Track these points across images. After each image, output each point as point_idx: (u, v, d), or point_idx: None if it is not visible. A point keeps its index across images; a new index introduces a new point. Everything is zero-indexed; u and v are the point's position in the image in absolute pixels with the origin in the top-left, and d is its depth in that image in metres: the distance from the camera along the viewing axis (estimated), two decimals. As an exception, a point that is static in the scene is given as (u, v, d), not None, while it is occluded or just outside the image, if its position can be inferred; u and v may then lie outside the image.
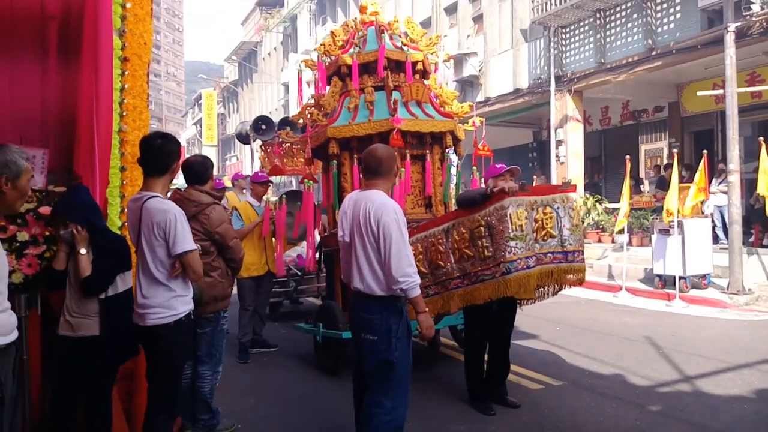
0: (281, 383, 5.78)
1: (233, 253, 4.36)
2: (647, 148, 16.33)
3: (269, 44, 39.52)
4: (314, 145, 6.13)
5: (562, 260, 4.55)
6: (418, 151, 6.02)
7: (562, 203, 4.58)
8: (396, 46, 6.29)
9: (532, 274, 4.35)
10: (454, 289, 4.66)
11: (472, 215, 4.53)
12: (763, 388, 5.07)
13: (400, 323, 3.41)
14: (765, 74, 11.43)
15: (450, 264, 4.68)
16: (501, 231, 4.31)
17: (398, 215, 3.36)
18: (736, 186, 9.70)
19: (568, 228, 4.57)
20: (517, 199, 4.39)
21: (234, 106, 48.05)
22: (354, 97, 6.03)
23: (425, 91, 6.08)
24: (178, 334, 3.35)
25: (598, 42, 13.96)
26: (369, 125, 5.74)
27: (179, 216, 3.30)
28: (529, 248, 4.36)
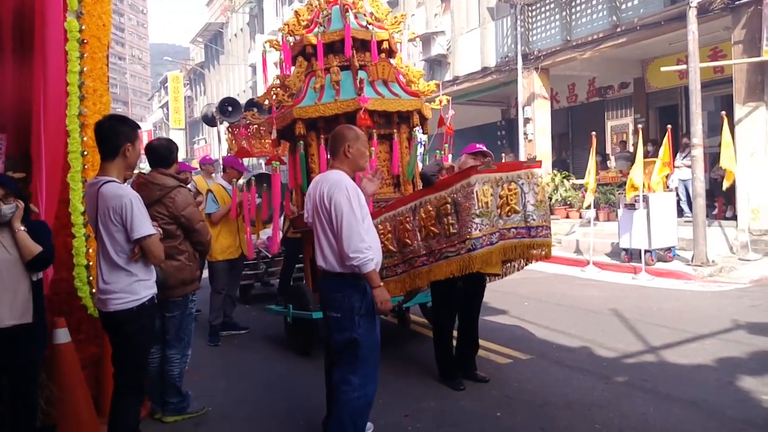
0: (252, 365, 5.76)
1: (200, 236, 4.33)
2: (613, 124, 16.53)
3: (235, 25, 38.91)
4: (280, 126, 6.07)
5: (525, 235, 4.61)
6: (386, 130, 5.98)
7: (527, 179, 4.63)
8: (361, 25, 6.21)
9: (494, 250, 4.40)
10: (420, 266, 4.67)
11: (439, 193, 4.54)
12: (725, 357, 5.20)
13: (363, 300, 3.42)
14: (727, 49, 11.58)
15: (417, 242, 4.69)
16: (467, 208, 4.34)
17: (350, 192, 3.37)
18: (700, 160, 9.88)
19: (533, 204, 4.62)
20: (484, 176, 4.41)
21: (201, 89, 47.31)
22: (320, 77, 5.95)
23: (391, 70, 6.03)
24: (141, 319, 3.32)
25: (564, 19, 14.01)
26: (335, 105, 5.68)
27: (135, 201, 3.24)
28: (493, 224, 4.40)
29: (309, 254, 5.84)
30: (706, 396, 4.34)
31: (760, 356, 5.15)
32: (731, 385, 4.54)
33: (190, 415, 4.39)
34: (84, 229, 4.17)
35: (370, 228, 3.50)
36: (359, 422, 3.47)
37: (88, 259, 4.21)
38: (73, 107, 4.17)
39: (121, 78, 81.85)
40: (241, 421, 4.35)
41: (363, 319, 3.42)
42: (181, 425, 4.28)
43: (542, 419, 4.08)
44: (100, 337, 4.29)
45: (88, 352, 4.34)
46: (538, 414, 4.18)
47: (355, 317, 3.41)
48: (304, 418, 4.30)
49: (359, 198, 3.43)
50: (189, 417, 4.38)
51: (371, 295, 3.42)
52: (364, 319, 3.43)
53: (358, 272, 3.36)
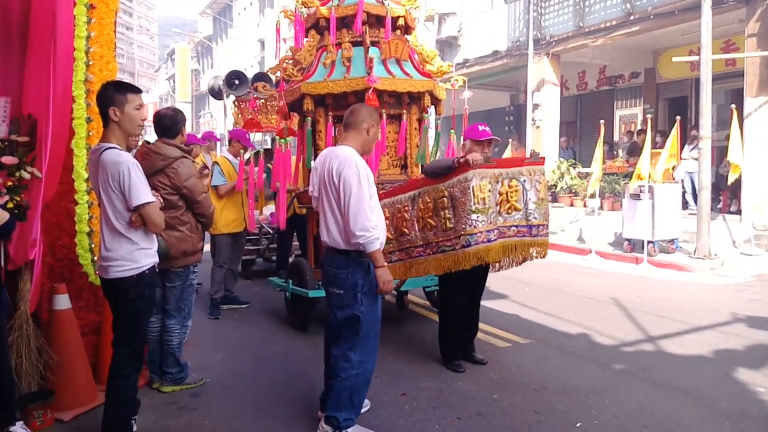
0: (251, 339, 5.78)
1: (202, 207, 4.33)
2: (622, 114, 16.42)
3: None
4: (289, 101, 5.97)
5: (527, 234, 4.53)
6: (395, 110, 5.86)
7: (528, 176, 4.53)
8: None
9: (492, 248, 4.32)
10: (416, 257, 4.66)
11: (436, 185, 4.48)
12: (722, 348, 5.20)
13: (366, 278, 3.42)
14: (740, 42, 11.46)
15: (414, 232, 4.66)
16: (463, 203, 4.29)
17: (360, 170, 3.35)
18: (707, 152, 9.81)
19: (534, 201, 4.53)
20: (481, 172, 4.32)
21: (208, 62, 47.05)
22: (331, 52, 5.79)
23: (404, 48, 5.84)
24: (141, 287, 3.33)
25: (577, 5, 13.85)
26: (344, 83, 5.57)
27: (132, 167, 3.21)
28: (490, 222, 4.32)
29: (313, 231, 5.83)
30: (702, 387, 4.34)
31: (758, 349, 5.15)
32: (727, 376, 4.54)
33: (187, 385, 4.42)
34: (87, 196, 4.17)
35: (376, 207, 3.48)
36: (357, 399, 3.48)
37: (91, 227, 4.21)
38: (79, 73, 4.14)
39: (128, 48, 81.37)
40: (239, 394, 4.37)
41: (365, 297, 3.42)
42: (179, 395, 4.30)
43: (538, 403, 4.09)
44: (101, 305, 4.31)
45: (88, 320, 4.36)
46: (534, 397, 4.19)
47: (357, 294, 3.41)
48: (302, 392, 4.33)
49: (368, 176, 3.41)
50: (187, 387, 4.40)
51: (374, 274, 3.41)
52: (366, 296, 3.43)
53: (363, 250, 3.35)
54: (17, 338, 3.72)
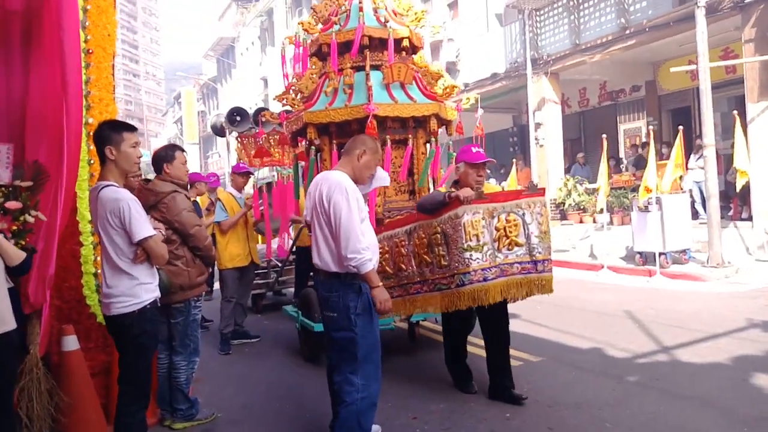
0: (261, 372, 5.76)
1: (196, 240, 4.31)
2: (626, 128, 16.43)
3: (247, 39, 39.27)
4: (292, 130, 5.89)
5: (532, 270, 4.22)
6: (401, 135, 5.66)
7: (528, 209, 4.23)
8: (380, 21, 5.82)
9: (490, 287, 4.07)
10: (414, 294, 4.56)
11: (429, 220, 4.35)
12: (739, 355, 5.12)
13: (359, 299, 3.42)
14: (738, 49, 11.48)
15: (411, 268, 4.56)
16: (455, 240, 4.12)
17: (350, 194, 3.37)
18: (712, 160, 9.78)
19: (537, 235, 4.22)
20: (473, 207, 4.11)
21: (214, 103, 47.72)
22: (333, 79, 5.63)
23: (408, 71, 5.59)
24: (143, 322, 3.32)
25: (573, 23, 13.99)
26: (346, 110, 5.40)
27: (132, 203, 3.24)
28: (487, 259, 4.09)
29: None
30: (719, 394, 4.27)
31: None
32: (744, 382, 4.47)
33: (199, 421, 4.40)
34: (92, 237, 4.21)
35: (368, 228, 3.50)
36: (365, 423, 3.46)
37: (96, 267, 4.25)
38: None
39: (135, 95, 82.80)
40: (250, 428, 4.35)
41: (359, 318, 3.42)
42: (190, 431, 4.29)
43: (551, 419, 4.04)
44: (110, 345, 4.30)
45: (98, 360, 4.36)
46: (547, 414, 4.14)
47: (351, 316, 3.41)
48: (312, 423, 4.30)
49: (358, 200, 3.43)
50: (198, 423, 4.38)
51: (368, 295, 3.42)
52: (361, 318, 3.43)
53: (357, 272, 3.37)
54: (28, 382, 3.72)
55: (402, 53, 5.84)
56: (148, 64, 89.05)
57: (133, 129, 3.48)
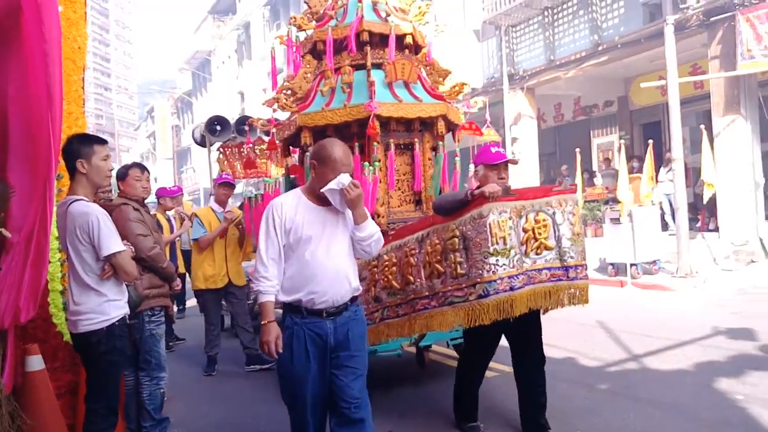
0: (238, 390, 5.71)
1: (138, 251, 4.09)
2: (599, 142, 16.75)
3: (223, 52, 39.23)
4: (285, 135, 5.39)
5: (563, 277, 3.70)
6: (406, 139, 5.21)
7: (559, 207, 3.72)
8: (380, 16, 5.39)
9: (517, 297, 3.52)
10: (420, 310, 3.96)
11: (446, 224, 3.80)
12: (704, 361, 5.27)
13: (284, 333, 3.09)
14: (705, 66, 11.82)
15: (420, 280, 3.96)
16: (478, 244, 3.55)
17: (271, 214, 3.07)
18: (681, 173, 10.03)
19: (569, 237, 3.70)
20: (500, 205, 3.57)
21: (189, 117, 47.40)
22: (329, 78, 5.15)
23: (412, 69, 5.16)
24: (111, 340, 3.27)
25: (548, 39, 14.27)
26: (345, 111, 4.92)
27: (102, 217, 3.21)
28: (513, 265, 3.55)
29: None
30: (685, 399, 4.39)
31: (738, 359, 5.23)
32: (709, 387, 4.60)
33: (166, 439, 4.29)
34: (59, 254, 4.08)
35: (295, 258, 3.04)
36: None
37: (63, 285, 4.16)
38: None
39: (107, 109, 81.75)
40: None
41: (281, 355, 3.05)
42: (156, 449, 4.21)
43: (524, 428, 4.12)
44: (78, 365, 4.15)
45: (64, 380, 4.19)
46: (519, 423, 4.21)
47: None
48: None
49: (283, 223, 3.03)
50: (164, 442, 4.28)
51: (292, 330, 3.06)
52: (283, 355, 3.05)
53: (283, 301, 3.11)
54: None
55: (405, 51, 5.39)
56: (121, 77, 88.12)
57: (104, 142, 3.47)
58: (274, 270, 3.04)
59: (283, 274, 3.07)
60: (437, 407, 4.64)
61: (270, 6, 31.44)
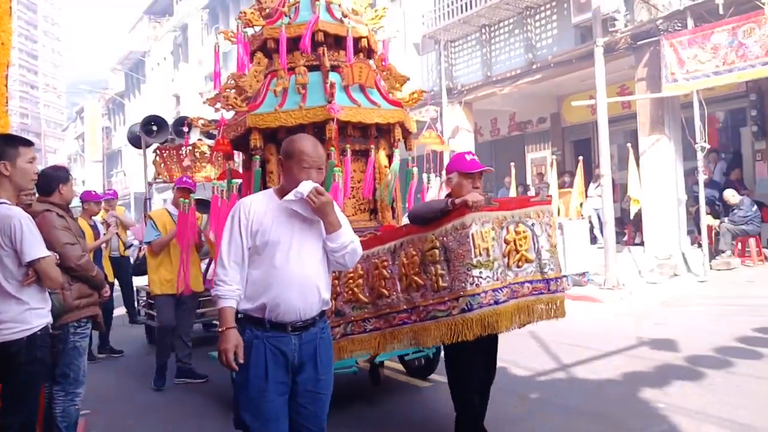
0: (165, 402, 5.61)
1: (66, 260, 3.91)
2: (533, 157, 17.25)
3: (158, 54, 38.36)
4: (232, 137, 5.08)
5: (543, 290, 3.67)
6: (361, 145, 5.07)
7: (537, 218, 3.69)
8: (335, 17, 5.24)
9: (502, 312, 3.43)
10: (399, 325, 3.79)
11: (424, 233, 3.64)
12: (629, 371, 5.49)
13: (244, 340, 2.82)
14: (632, 87, 12.36)
15: (396, 293, 3.81)
16: (461, 255, 3.42)
17: (236, 214, 2.85)
18: (609, 189, 10.44)
19: (547, 249, 3.69)
20: (483, 215, 3.46)
21: (120, 119, 46.09)
22: (282, 78, 4.93)
23: (370, 73, 5.01)
24: (32, 350, 3.15)
25: (485, 56, 14.59)
26: (300, 113, 4.71)
27: (25, 221, 3.09)
28: (498, 278, 3.45)
29: None
30: (611, 407, 4.58)
31: (661, 369, 5.48)
32: (633, 396, 4.81)
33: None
34: None
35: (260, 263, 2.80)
36: None
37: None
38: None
39: (33, 108, 78.66)
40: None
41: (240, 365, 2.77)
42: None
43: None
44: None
45: None
46: (454, 431, 4.29)
47: None
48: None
49: (250, 224, 2.80)
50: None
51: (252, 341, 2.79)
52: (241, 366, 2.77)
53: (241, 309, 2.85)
54: None
55: (360, 54, 5.29)
56: (48, 75, 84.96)
57: (30, 143, 3.36)
58: (236, 274, 2.79)
59: (246, 280, 2.82)
60: (397, 423, 4.64)
61: (209, 9, 30.96)
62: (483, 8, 13.60)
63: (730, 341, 6.21)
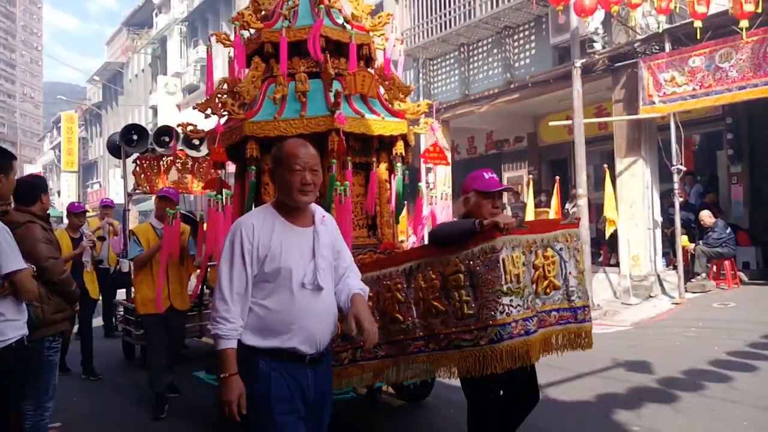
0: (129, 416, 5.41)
1: (51, 274, 3.89)
2: (509, 176, 17.27)
3: (137, 66, 38.15)
4: (226, 145, 4.73)
5: (571, 319, 3.45)
6: (362, 158, 4.83)
7: (565, 242, 3.45)
8: (336, 22, 5.00)
9: (532, 343, 3.16)
10: (414, 353, 3.51)
11: (446, 256, 3.34)
12: (603, 393, 5.42)
13: (253, 386, 2.48)
14: (609, 108, 12.44)
15: (411, 319, 3.51)
16: (490, 281, 3.15)
17: (235, 237, 2.51)
18: (585, 209, 10.43)
19: (575, 276, 3.46)
20: (513, 239, 3.20)
21: (97, 130, 45.69)
22: (281, 84, 4.64)
23: (372, 82, 4.76)
24: (6, 362, 3.08)
25: (463, 74, 14.63)
26: (301, 122, 4.43)
27: (2, 233, 3.05)
28: (528, 306, 3.20)
29: None
30: (585, 429, 4.49)
31: (635, 391, 5.40)
32: (607, 418, 4.71)
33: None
34: None
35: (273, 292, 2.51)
36: None
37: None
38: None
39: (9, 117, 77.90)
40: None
41: (250, 413, 2.46)
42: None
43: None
44: None
45: None
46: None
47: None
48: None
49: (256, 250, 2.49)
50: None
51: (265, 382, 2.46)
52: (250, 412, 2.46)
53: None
54: None
55: (360, 62, 5.02)
56: (26, 85, 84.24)
57: (15, 157, 3.47)
58: (238, 309, 2.47)
59: (249, 311, 2.50)
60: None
61: (188, 22, 30.86)
62: (462, 27, 13.67)
63: (704, 364, 6.16)
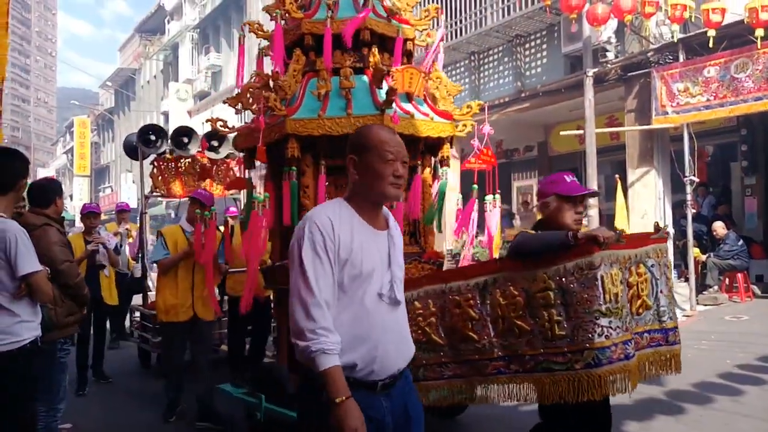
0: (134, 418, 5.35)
1: (65, 277, 3.91)
2: (519, 185, 17.20)
3: (149, 72, 38.42)
4: (267, 142, 4.29)
5: (662, 341, 3.14)
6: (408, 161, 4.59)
7: (656, 258, 3.15)
8: (379, 15, 4.55)
9: (632, 367, 2.86)
10: (493, 374, 3.22)
11: (530, 271, 3.04)
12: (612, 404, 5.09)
13: (319, 418, 2.08)
14: (621, 118, 12.36)
15: (488, 338, 3.24)
16: (586, 301, 2.85)
17: (305, 233, 2.12)
18: (596, 220, 10.33)
19: (665, 294, 3.17)
20: (611, 254, 2.90)
21: (110, 135, 46.02)
22: (324, 79, 4.27)
23: (420, 80, 4.38)
24: (22, 362, 3.11)
25: (473, 83, 14.60)
26: (348, 121, 4.05)
27: (20, 235, 3.08)
28: (627, 328, 2.91)
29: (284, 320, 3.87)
30: None
31: (645, 403, 5.25)
32: (617, 430, 4.58)
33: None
34: None
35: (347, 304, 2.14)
36: None
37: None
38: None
39: (24, 121, 78.71)
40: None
41: None
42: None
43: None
44: None
45: None
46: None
47: None
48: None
49: (337, 250, 2.11)
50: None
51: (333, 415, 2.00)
52: None
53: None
54: None
55: (403, 58, 4.61)
56: (40, 90, 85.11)
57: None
58: (330, 318, 2.06)
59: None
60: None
61: (200, 29, 31.04)
62: (472, 35, 13.65)
63: (714, 377, 6.04)
